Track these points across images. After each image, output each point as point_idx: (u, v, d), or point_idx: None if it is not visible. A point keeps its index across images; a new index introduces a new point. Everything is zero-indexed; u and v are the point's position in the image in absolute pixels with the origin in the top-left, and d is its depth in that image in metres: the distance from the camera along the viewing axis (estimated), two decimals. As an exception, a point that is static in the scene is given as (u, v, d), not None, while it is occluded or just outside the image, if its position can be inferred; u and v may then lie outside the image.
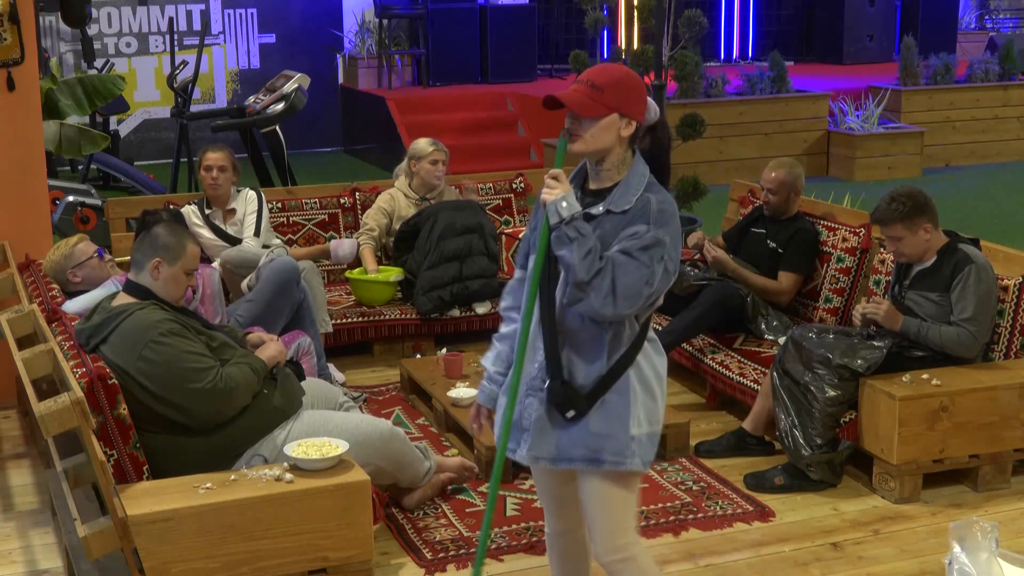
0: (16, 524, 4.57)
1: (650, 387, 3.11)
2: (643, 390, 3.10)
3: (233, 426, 4.03)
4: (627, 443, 3.08)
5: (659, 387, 3.14)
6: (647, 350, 3.11)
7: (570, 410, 3.07)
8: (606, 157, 3.09)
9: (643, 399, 3.10)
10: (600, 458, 3.09)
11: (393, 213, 6.65)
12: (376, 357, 6.39)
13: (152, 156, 13.09)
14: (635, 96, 3.07)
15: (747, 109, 11.70)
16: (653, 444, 3.14)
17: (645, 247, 2.97)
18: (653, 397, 3.12)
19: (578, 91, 3.08)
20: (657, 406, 3.14)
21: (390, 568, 4.15)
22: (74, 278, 5.17)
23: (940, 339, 4.66)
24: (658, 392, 3.14)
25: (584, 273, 2.95)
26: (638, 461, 3.10)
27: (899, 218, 4.69)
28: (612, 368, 3.06)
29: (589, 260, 2.95)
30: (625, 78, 3.08)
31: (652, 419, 3.12)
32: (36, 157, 5.78)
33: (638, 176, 3.08)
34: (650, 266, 2.97)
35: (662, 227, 3.00)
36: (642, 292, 2.97)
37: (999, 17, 16.97)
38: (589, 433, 3.08)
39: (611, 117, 3.05)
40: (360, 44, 13.61)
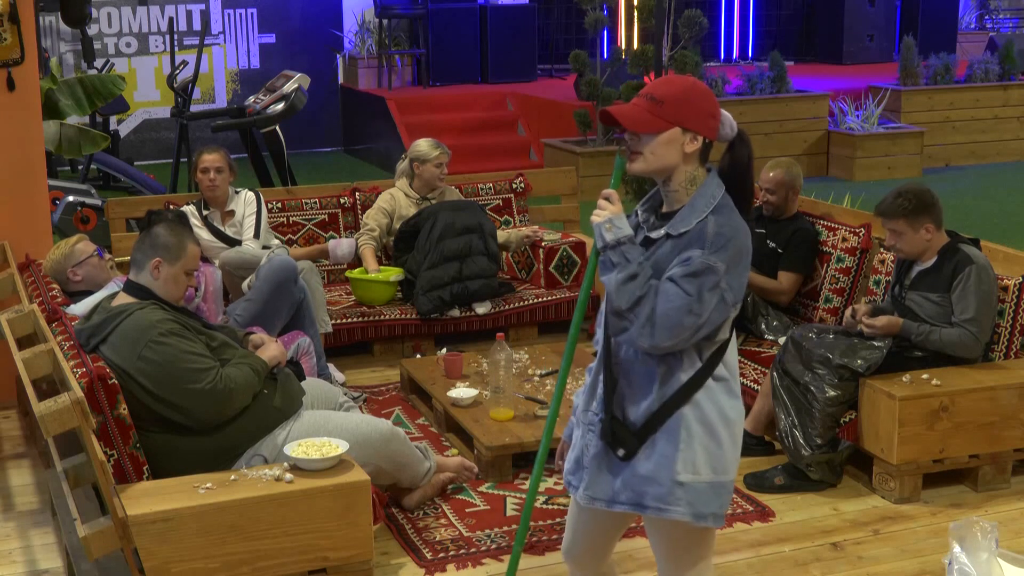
0: (16, 524, 4.57)
1: (714, 430, 2.85)
2: (704, 432, 2.84)
3: (233, 426, 4.03)
4: (671, 489, 2.84)
5: (727, 431, 2.87)
6: (713, 389, 2.85)
7: (620, 448, 2.88)
8: (672, 177, 2.86)
9: (702, 442, 2.84)
10: (643, 503, 2.88)
11: (393, 213, 6.65)
12: (376, 357, 6.39)
13: (152, 156, 13.09)
14: (701, 108, 2.84)
15: (747, 109, 11.70)
16: (718, 495, 2.87)
17: (692, 274, 2.75)
18: (718, 442, 2.85)
19: (636, 105, 2.85)
20: (723, 452, 2.86)
21: (390, 568, 4.15)
22: (74, 277, 5.17)
23: (941, 341, 4.66)
24: (725, 437, 2.86)
25: (622, 301, 2.77)
26: (683, 510, 2.84)
27: (903, 213, 4.69)
28: (664, 405, 2.84)
29: (630, 287, 2.76)
30: (689, 89, 2.85)
31: (716, 467, 2.85)
32: (36, 157, 5.78)
33: (707, 197, 2.84)
34: (696, 295, 2.74)
35: (716, 252, 2.75)
36: (683, 322, 2.74)
37: (999, 17, 16.97)
38: (635, 475, 2.88)
39: (672, 132, 2.82)
40: (360, 44, 13.62)
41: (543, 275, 6.74)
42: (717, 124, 2.88)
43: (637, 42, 11.65)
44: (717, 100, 2.91)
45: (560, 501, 4.61)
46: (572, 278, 6.73)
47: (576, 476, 3.02)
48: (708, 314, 2.76)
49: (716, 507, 2.88)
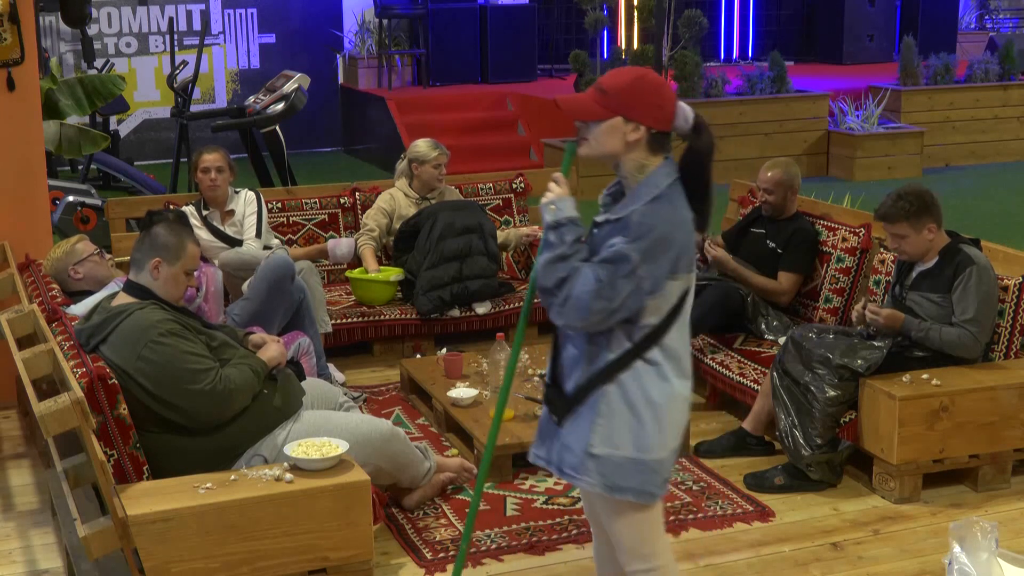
0: (16, 524, 4.57)
1: (636, 410, 2.94)
2: (627, 411, 2.94)
3: (233, 426, 4.03)
4: (583, 459, 2.97)
5: (650, 413, 2.94)
6: (640, 372, 2.93)
7: (554, 415, 3.04)
8: (620, 164, 2.96)
9: (624, 420, 2.94)
10: (562, 469, 3.03)
11: (393, 213, 6.65)
12: (376, 357, 6.39)
13: (152, 156, 13.09)
14: (645, 99, 2.91)
15: (747, 109, 11.70)
16: (640, 472, 2.96)
17: (608, 260, 2.85)
18: (640, 422, 2.94)
19: (585, 95, 2.98)
20: (645, 432, 2.94)
21: (390, 568, 4.15)
22: (75, 275, 5.18)
23: (941, 340, 4.66)
24: (648, 418, 2.94)
25: (547, 280, 2.89)
26: (594, 481, 2.96)
27: (904, 216, 4.69)
28: (589, 380, 2.96)
29: (557, 267, 2.87)
30: (636, 80, 2.94)
31: (638, 445, 2.94)
32: (36, 157, 5.78)
33: (650, 187, 2.91)
34: (607, 281, 2.83)
35: (634, 241, 2.83)
36: (592, 306, 2.83)
37: (999, 17, 16.97)
38: (558, 441, 3.04)
39: (613, 121, 2.92)
40: (360, 44, 13.62)
41: (543, 275, 6.72)
42: (664, 115, 2.94)
43: (637, 42, 11.66)
44: (672, 92, 2.98)
45: (560, 501, 4.61)
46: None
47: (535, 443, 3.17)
48: (621, 300, 2.85)
49: (636, 483, 2.97)
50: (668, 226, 2.87)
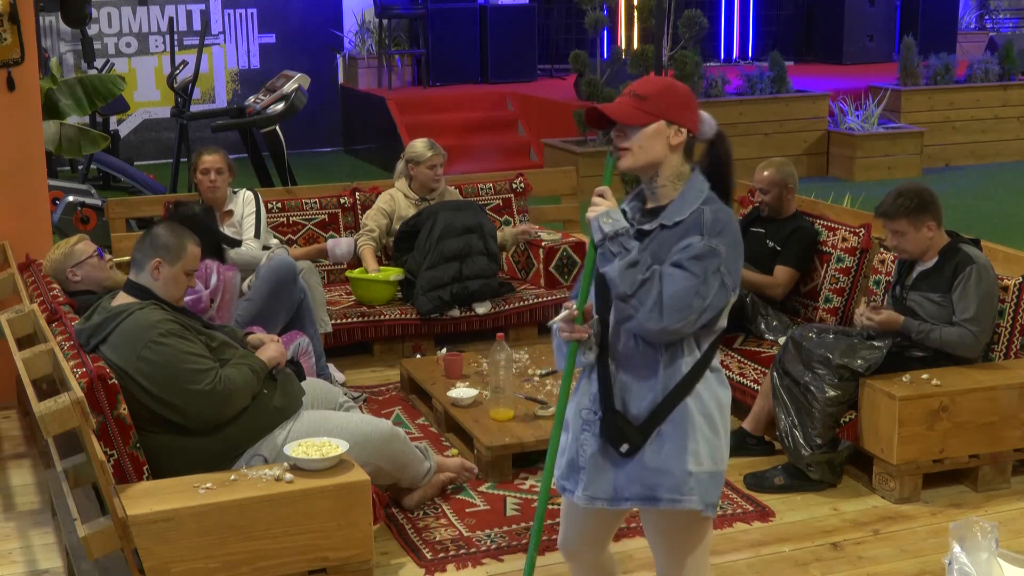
0: (16, 524, 4.57)
1: (712, 421, 2.89)
2: (705, 423, 2.88)
3: (233, 426, 4.03)
4: (684, 479, 2.87)
5: (722, 422, 2.92)
6: (710, 380, 2.90)
7: (623, 443, 2.90)
8: (659, 171, 2.93)
9: (704, 433, 2.88)
10: (656, 495, 2.89)
11: (393, 213, 6.65)
12: (376, 357, 6.39)
13: (152, 156, 13.09)
14: (682, 103, 2.94)
15: (747, 109, 11.70)
16: (717, 485, 2.92)
17: (697, 256, 2.81)
18: (716, 432, 2.90)
19: (621, 102, 2.95)
20: (720, 443, 2.92)
21: (390, 568, 4.15)
22: (73, 277, 5.17)
23: (941, 340, 4.66)
24: (721, 427, 2.91)
25: (626, 286, 2.81)
26: (696, 500, 2.88)
27: (904, 213, 4.69)
28: (668, 396, 2.87)
29: (631, 273, 2.81)
30: (670, 86, 2.96)
31: (715, 457, 2.90)
32: (36, 157, 5.78)
33: (695, 191, 2.91)
34: (701, 276, 2.80)
35: (716, 236, 2.83)
36: (692, 304, 2.79)
37: (999, 17, 16.97)
38: (644, 468, 2.89)
39: (657, 125, 2.90)
40: (360, 44, 13.62)
41: (543, 275, 6.74)
42: (697, 119, 2.97)
43: (637, 42, 11.65)
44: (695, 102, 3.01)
45: (559, 501, 4.59)
46: (572, 278, 6.73)
47: (571, 480, 3.05)
48: (712, 297, 2.82)
49: (716, 496, 2.93)
50: (735, 224, 2.92)
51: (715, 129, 3.00)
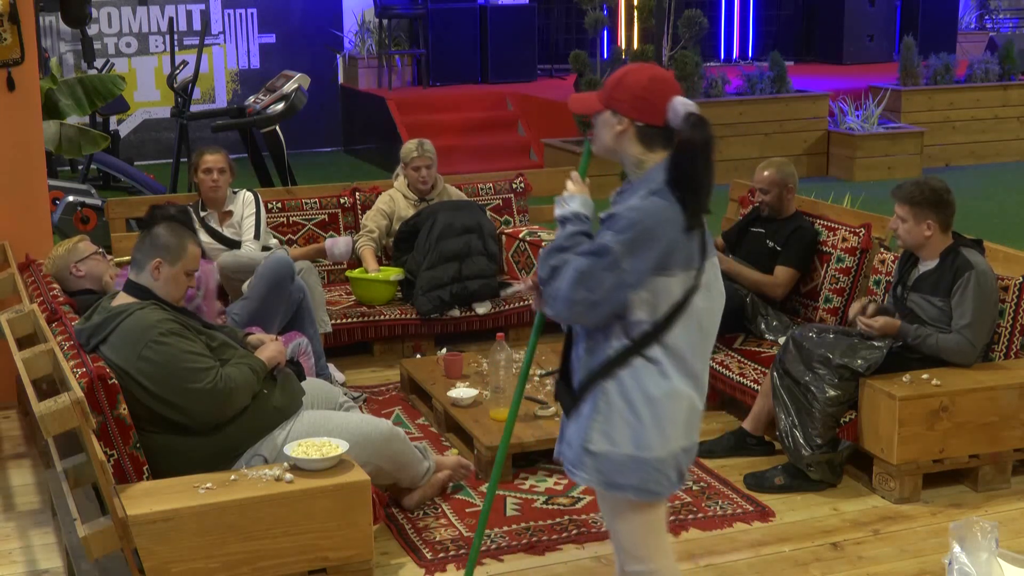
0: (16, 524, 4.57)
1: (635, 408, 2.91)
2: (626, 408, 2.92)
3: (233, 426, 4.03)
4: (580, 455, 2.98)
5: (649, 410, 2.91)
6: (640, 370, 2.91)
7: (563, 411, 3.08)
8: (623, 160, 2.99)
9: (624, 417, 2.92)
10: (562, 462, 3.07)
11: (392, 214, 6.65)
12: (376, 357, 6.39)
13: (152, 156, 13.08)
14: (631, 93, 2.92)
15: (747, 109, 11.70)
16: (640, 470, 2.94)
17: (590, 252, 2.86)
18: (639, 419, 2.91)
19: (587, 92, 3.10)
20: (645, 430, 2.92)
21: (390, 568, 4.15)
22: (77, 272, 5.19)
23: (937, 346, 4.67)
24: (647, 415, 2.91)
25: (543, 271, 2.93)
26: (590, 477, 2.97)
27: (910, 200, 4.70)
28: (590, 375, 2.96)
29: (551, 259, 2.90)
30: (624, 75, 2.96)
31: (639, 443, 2.92)
32: (36, 157, 5.78)
33: (648, 182, 2.91)
34: (587, 271, 2.84)
35: (619, 234, 2.83)
36: (573, 296, 2.85)
37: (999, 17, 16.97)
38: (564, 436, 3.08)
39: (604, 114, 2.97)
40: (360, 44, 13.62)
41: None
42: (651, 108, 2.92)
43: (637, 42, 11.65)
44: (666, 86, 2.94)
45: (560, 501, 4.61)
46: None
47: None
48: (604, 293, 2.84)
49: (636, 480, 2.95)
50: (652, 220, 2.85)
51: (681, 118, 2.91)
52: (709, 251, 2.97)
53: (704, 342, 3.00)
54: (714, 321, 3.02)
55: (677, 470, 3.01)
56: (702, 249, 2.93)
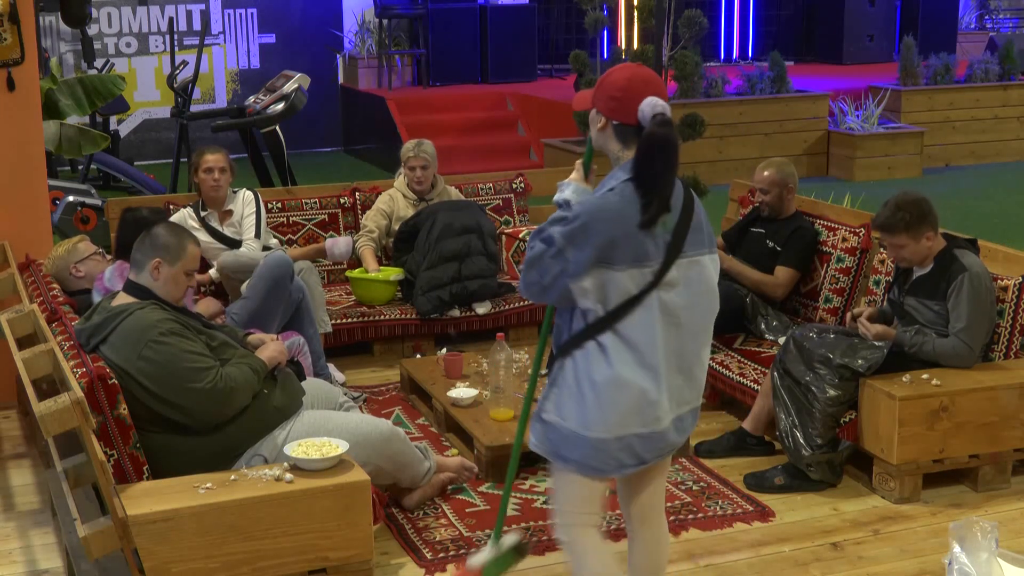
0: (16, 524, 4.57)
1: (580, 388, 3.07)
2: (574, 386, 3.09)
3: (233, 426, 4.03)
4: (535, 422, 3.20)
5: (592, 393, 3.05)
6: (591, 354, 3.05)
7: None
8: (608, 155, 3.14)
9: (571, 394, 3.09)
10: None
11: (392, 214, 6.65)
12: (376, 357, 6.39)
13: (152, 156, 13.09)
14: (608, 93, 3.07)
15: (747, 109, 11.70)
16: (581, 447, 3.09)
17: (542, 239, 3.03)
18: (582, 398, 3.07)
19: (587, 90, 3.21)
20: (587, 411, 3.06)
21: (390, 568, 4.15)
22: (77, 273, 5.20)
23: (935, 352, 4.67)
24: (590, 397, 3.06)
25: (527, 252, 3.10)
26: (536, 443, 3.19)
27: (904, 227, 4.67)
28: (557, 351, 3.15)
29: (531, 240, 3.08)
30: (607, 75, 3.12)
31: (584, 421, 3.07)
32: (36, 157, 5.78)
33: (611, 178, 3.07)
34: (536, 257, 3.03)
35: (563, 226, 2.99)
36: (527, 279, 3.07)
37: (999, 17, 16.97)
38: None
39: (592, 112, 3.14)
40: (360, 44, 13.62)
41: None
42: (623, 107, 3.04)
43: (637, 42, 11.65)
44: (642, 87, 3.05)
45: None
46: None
47: None
48: (551, 279, 3.03)
49: (579, 456, 3.11)
50: (593, 216, 2.99)
51: (648, 118, 3.01)
52: (687, 249, 3.07)
53: (681, 339, 3.12)
54: (698, 319, 3.14)
55: (631, 454, 3.13)
56: (669, 247, 3.04)
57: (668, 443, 3.20)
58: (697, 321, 3.15)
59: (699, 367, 3.22)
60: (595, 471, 3.15)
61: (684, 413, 3.22)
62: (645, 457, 3.16)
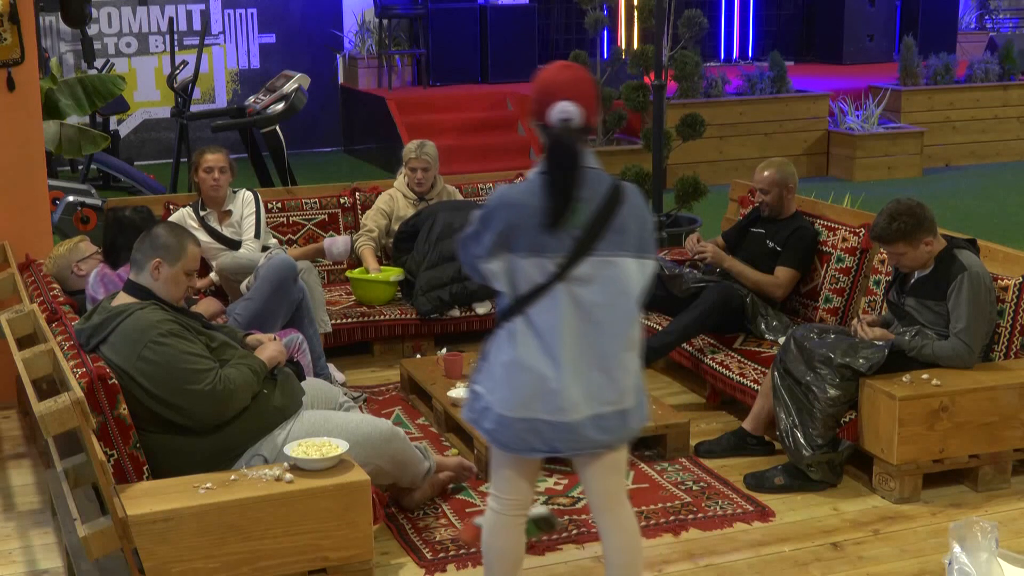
0: (16, 524, 4.57)
1: (493, 365, 3.30)
2: (489, 363, 3.32)
3: (233, 426, 4.03)
4: (468, 392, 3.43)
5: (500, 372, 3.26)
6: (502, 334, 3.29)
7: None
8: None
9: (488, 369, 3.32)
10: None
11: (392, 213, 6.65)
12: (376, 357, 6.39)
13: (152, 156, 13.09)
14: (531, 93, 3.29)
15: (747, 109, 11.69)
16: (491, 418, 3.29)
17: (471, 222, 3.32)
18: (494, 375, 3.29)
19: None
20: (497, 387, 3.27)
21: (390, 568, 4.15)
22: (79, 272, 5.21)
23: (935, 354, 4.67)
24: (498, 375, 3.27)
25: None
26: (464, 414, 3.44)
27: (900, 236, 4.67)
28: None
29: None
30: (536, 73, 3.31)
31: (493, 396, 3.28)
32: (36, 157, 5.78)
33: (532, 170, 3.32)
34: (466, 239, 3.31)
35: (479, 211, 3.29)
36: (462, 258, 3.37)
37: (999, 17, 16.96)
38: None
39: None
40: (360, 44, 13.61)
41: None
42: (538, 109, 3.26)
43: (637, 42, 11.65)
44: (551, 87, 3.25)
45: (560, 501, 4.61)
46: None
47: None
48: (471, 259, 3.31)
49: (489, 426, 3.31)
50: (496, 203, 3.25)
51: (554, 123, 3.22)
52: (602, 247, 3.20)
53: (599, 337, 3.22)
54: (617, 319, 3.23)
55: (540, 439, 3.26)
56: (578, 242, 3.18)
57: (586, 439, 3.27)
58: (615, 322, 3.24)
59: (621, 370, 3.27)
60: (503, 446, 3.32)
61: (607, 413, 3.26)
62: (557, 446, 3.28)
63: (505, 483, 3.43)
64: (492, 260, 3.25)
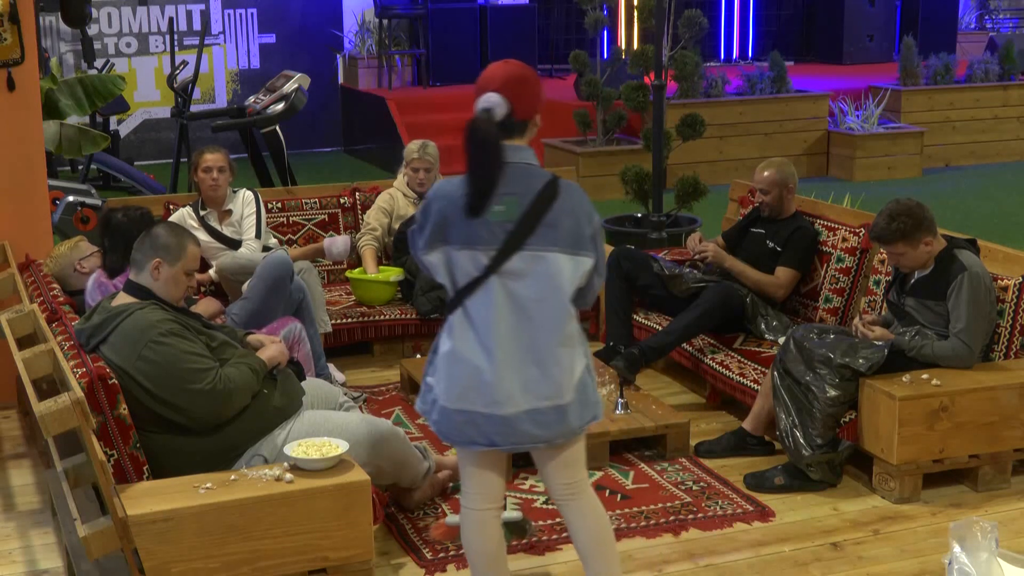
0: (16, 524, 4.57)
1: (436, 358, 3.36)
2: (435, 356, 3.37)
3: (233, 426, 4.03)
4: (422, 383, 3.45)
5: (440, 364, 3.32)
6: (444, 327, 3.35)
7: None
8: None
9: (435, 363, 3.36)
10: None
11: (392, 212, 6.65)
12: (376, 357, 6.39)
13: (152, 156, 13.09)
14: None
15: (747, 109, 11.70)
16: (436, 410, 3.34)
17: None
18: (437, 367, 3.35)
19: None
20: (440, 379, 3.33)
21: (390, 568, 4.15)
22: (81, 269, 5.23)
23: (935, 355, 4.67)
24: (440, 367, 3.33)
25: None
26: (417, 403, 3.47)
27: (900, 237, 4.67)
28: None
29: None
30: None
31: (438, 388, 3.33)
32: (36, 157, 5.78)
33: None
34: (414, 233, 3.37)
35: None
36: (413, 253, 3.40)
37: (999, 17, 16.97)
38: None
39: None
40: (360, 44, 13.62)
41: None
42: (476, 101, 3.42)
43: (637, 42, 11.65)
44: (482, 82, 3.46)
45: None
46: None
47: None
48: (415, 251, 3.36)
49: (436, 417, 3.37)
50: (430, 195, 3.38)
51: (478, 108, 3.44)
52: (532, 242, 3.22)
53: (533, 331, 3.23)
54: (550, 314, 3.24)
55: (478, 432, 3.29)
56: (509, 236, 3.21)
57: (522, 433, 3.28)
58: (549, 317, 3.25)
59: (556, 365, 3.27)
60: (446, 437, 3.38)
61: (543, 408, 3.27)
62: (495, 440, 3.30)
63: (469, 478, 3.46)
64: (431, 252, 3.31)
